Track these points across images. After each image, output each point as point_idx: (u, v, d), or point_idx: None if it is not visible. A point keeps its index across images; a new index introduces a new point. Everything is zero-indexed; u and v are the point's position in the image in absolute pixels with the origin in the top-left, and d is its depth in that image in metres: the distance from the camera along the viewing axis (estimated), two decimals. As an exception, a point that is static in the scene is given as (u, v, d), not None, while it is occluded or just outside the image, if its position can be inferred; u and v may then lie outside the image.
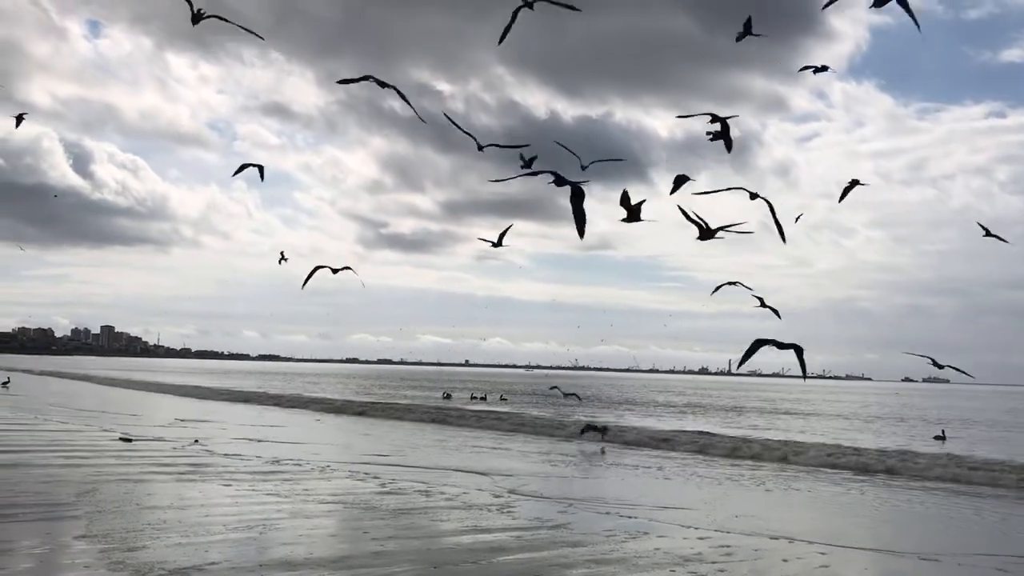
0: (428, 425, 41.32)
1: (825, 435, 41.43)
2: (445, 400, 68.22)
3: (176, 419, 37.61)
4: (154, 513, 14.44)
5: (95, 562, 10.95)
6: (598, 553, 12.72)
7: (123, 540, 12.23)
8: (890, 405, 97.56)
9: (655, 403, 77.05)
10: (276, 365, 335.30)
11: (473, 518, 15.25)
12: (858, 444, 33.85)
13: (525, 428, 38.83)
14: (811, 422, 55.39)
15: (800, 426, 50.56)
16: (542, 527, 14.63)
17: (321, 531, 13.76)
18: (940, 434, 42.71)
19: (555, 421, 41.65)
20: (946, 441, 40.22)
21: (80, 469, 19.52)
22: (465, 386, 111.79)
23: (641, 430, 37.59)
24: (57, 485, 17.04)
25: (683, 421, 50.17)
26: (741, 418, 57.24)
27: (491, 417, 43.09)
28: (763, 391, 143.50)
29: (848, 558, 13.28)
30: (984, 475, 24.44)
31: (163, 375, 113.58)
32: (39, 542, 12.09)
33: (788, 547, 13.72)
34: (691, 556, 12.70)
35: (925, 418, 66.35)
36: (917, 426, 54.82)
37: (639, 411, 62.46)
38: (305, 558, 11.63)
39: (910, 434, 46.56)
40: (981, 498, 21.29)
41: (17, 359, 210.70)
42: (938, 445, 37.97)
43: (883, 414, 71.96)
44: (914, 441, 40.19)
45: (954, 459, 27.28)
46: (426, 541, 13.16)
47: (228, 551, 11.84)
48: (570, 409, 56.61)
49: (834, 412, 71.44)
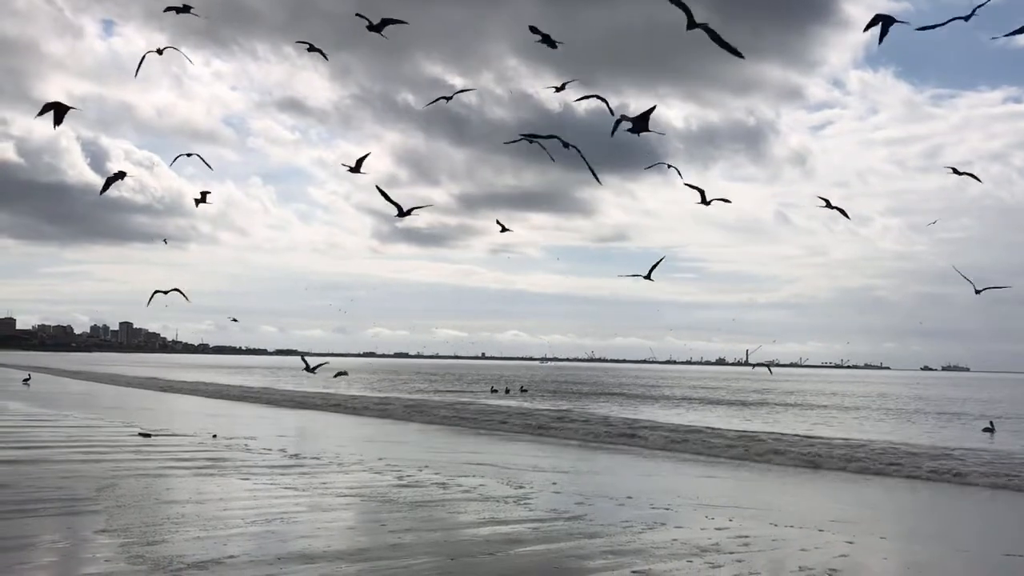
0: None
1: (889, 433, 38.28)
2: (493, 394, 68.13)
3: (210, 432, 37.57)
4: (173, 507, 14.53)
5: (115, 556, 11.02)
6: (615, 544, 12.69)
7: (142, 534, 12.31)
8: (929, 397, 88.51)
9: (710, 400, 70.63)
10: (295, 360, 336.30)
11: (490, 510, 15.25)
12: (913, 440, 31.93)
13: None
14: (865, 420, 49.56)
15: (851, 422, 46.80)
16: (559, 519, 14.61)
17: (339, 524, 13.80)
18: (989, 426, 41.35)
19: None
20: (995, 433, 38.93)
21: (100, 464, 19.68)
22: (484, 379, 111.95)
23: (713, 431, 35.79)
24: (77, 480, 17.18)
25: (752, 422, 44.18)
26: (792, 416, 54.35)
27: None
28: (787, 382, 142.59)
29: (869, 547, 13.17)
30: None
31: (184, 371, 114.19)
32: (60, 536, 12.19)
33: (807, 537, 13.65)
34: (708, 546, 12.65)
35: (963, 409, 63.77)
36: (961, 417, 52.54)
37: (702, 410, 61.74)
38: (323, 551, 11.67)
39: (952, 425, 44.71)
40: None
41: (37, 356, 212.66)
42: (987, 438, 36.96)
43: (918, 407, 66.42)
44: (959, 433, 38.79)
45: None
46: (443, 533, 13.16)
47: (246, 544, 11.90)
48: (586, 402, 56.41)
49: (879, 407, 65.82)
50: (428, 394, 67.28)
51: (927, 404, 71.95)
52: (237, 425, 33.58)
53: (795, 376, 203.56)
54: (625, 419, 39.69)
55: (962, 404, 73.71)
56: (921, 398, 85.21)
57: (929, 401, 78.61)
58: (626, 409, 52.35)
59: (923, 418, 52.38)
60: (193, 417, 37.23)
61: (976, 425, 44.99)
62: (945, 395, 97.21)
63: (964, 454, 26.47)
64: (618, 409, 51.72)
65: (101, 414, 36.56)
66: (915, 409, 62.66)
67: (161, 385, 71.61)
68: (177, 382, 76.31)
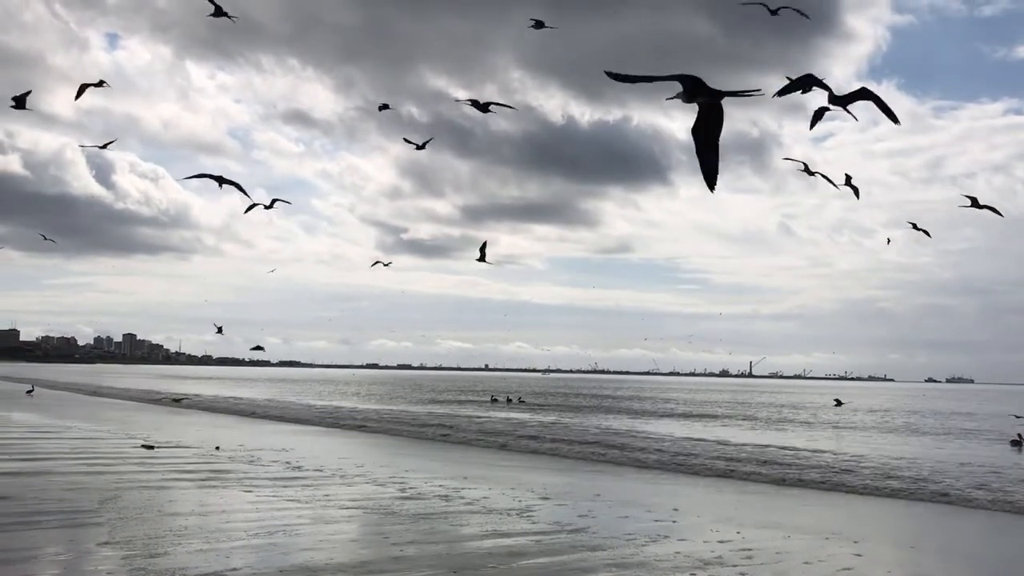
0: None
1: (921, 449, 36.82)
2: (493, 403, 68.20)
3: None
4: (176, 519, 14.53)
5: (118, 568, 11.02)
6: (618, 557, 12.66)
7: (145, 546, 12.31)
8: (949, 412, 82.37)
9: (733, 415, 65.78)
10: (300, 371, 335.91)
11: (493, 522, 15.23)
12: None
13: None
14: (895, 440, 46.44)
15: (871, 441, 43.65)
16: (562, 531, 14.59)
17: (341, 536, 13.79)
18: (1017, 438, 40.04)
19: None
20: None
21: (103, 476, 19.69)
22: (485, 390, 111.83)
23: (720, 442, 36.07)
24: (81, 492, 17.18)
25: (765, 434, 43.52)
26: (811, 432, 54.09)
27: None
28: (795, 394, 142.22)
29: (875, 560, 13.12)
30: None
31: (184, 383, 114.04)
32: (63, 549, 12.19)
33: (811, 550, 13.61)
34: (711, 560, 12.62)
35: (979, 422, 62.30)
36: (982, 431, 51.11)
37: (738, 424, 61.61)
38: (325, 563, 11.66)
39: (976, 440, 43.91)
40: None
41: (40, 368, 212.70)
42: (1016, 451, 36.45)
43: (938, 422, 63.33)
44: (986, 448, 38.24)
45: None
46: (446, 546, 13.14)
47: (249, 557, 11.89)
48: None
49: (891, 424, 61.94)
50: (428, 405, 67.21)
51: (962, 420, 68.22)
52: (240, 437, 33.56)
53: (800, 388, 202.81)
54: (623, 431, 39.60)
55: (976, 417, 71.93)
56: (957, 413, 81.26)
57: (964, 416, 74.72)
58: (624, 422, 52.31)
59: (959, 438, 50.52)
60: (196, 429, 37.21)
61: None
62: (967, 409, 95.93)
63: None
64: (616, 422, 51.73)
65: (105, 426, 36.56)
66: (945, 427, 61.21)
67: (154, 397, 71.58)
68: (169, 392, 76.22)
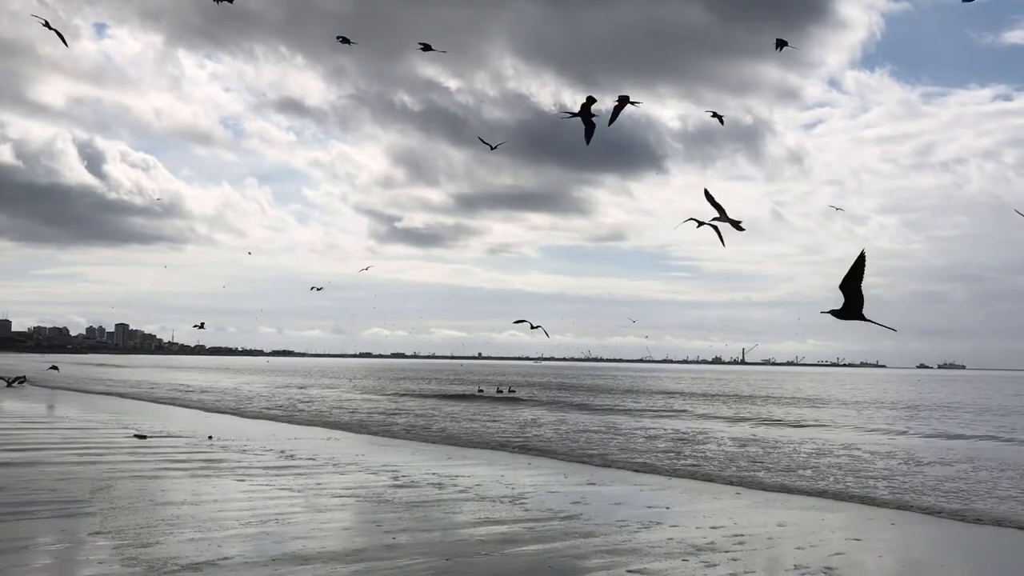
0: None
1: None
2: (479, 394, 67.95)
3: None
4: (168, 509, 14.50)
5: (109, 558, 11.00)
6: (611, 543, 12.70)
7: (137, 536, 12.29)
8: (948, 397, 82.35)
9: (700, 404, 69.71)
10: (294, 361, 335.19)
11: (486, 510, 15.25)
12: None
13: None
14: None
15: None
16: (554, 518, 14.61)
17: (334, 525, 13.79)
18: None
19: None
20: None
21: (95, 466, 19.64)
22: (474, 379, 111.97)
23: (707, 435, 36.51)
24: (72, 482, 17.14)
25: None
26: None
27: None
28: (792, 380, 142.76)
29: (866, 547, 13.19)
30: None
31: (177, 373, 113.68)
32: (55, 539, 12.15)
33: (803, 536, 13.66)
34: (704, 545, 12.66)
35: (984, 408, 62.72)
36: (989, 418, 51.10)
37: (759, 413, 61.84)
38: (318, 551, 11.65)
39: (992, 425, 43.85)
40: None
41: (33, 358, 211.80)
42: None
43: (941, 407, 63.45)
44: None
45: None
46: (439, 533, 13.16)
47: (242, 545, 11.88)
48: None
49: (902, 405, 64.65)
50: (419, 398, 67.24)
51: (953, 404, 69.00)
52: (233, 427, 33.52)
53: (801, 375, 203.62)
54: (617, 424, 39.75)
55: (974, 403, 72.41)
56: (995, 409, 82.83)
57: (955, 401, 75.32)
58: (619, 416, 52.45)
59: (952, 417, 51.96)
60: (189, 419, 37.15)
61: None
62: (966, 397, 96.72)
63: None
64: (606, 411, 51.87)
65: (97, 416, 36.47)
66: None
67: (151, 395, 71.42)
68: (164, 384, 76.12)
